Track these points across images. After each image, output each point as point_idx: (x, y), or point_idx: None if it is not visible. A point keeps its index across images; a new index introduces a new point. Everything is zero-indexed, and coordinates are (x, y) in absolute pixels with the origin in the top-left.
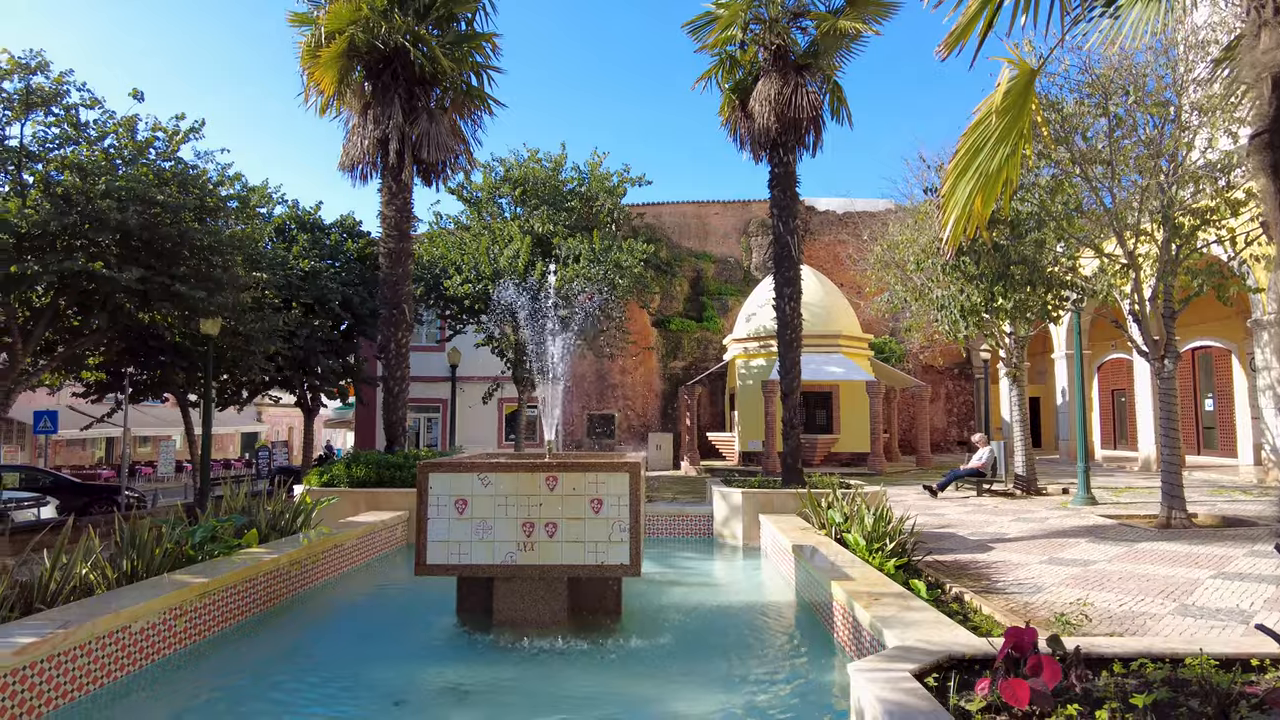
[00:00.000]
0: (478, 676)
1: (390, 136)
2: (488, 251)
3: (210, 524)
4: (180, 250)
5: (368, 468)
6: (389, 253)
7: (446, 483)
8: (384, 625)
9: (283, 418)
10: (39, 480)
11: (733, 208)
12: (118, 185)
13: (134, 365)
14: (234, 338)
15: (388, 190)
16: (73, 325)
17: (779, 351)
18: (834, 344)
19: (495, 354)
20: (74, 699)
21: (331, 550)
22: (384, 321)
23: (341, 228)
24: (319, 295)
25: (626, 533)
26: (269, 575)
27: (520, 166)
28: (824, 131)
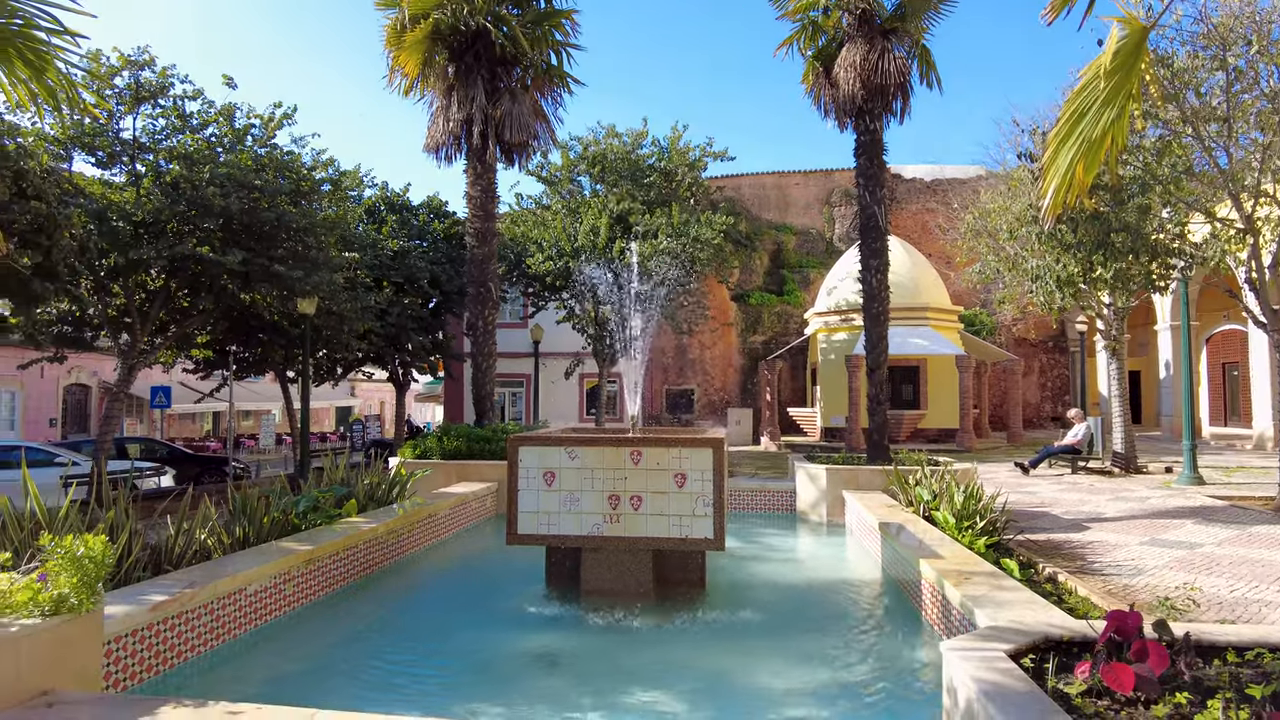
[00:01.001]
0: (566, 645)
1: (473, 118)
2: (566, 229)
3: (313, 494)
4: (278, 233)
5: (458, 440)
6: (475, 232)
7: (535, 456)
8: (476, 593)
9: (375, 392)
10: (156, 451)
11: (814, 177)
12: (220, 172)
13: (237, 343)
14: (328, 317)
15: (472, 171)
16: (183, 306)
17: (864, 325)
18: (921, 317)
19: (576, 330)
20: (199, 653)
21: (426, 520)
22: (471, 299)
23: (428, 208)
24: (408, 274)
25: (710, 507)
26: (368, 544)
27: (598, 144)
28: (912, 98)
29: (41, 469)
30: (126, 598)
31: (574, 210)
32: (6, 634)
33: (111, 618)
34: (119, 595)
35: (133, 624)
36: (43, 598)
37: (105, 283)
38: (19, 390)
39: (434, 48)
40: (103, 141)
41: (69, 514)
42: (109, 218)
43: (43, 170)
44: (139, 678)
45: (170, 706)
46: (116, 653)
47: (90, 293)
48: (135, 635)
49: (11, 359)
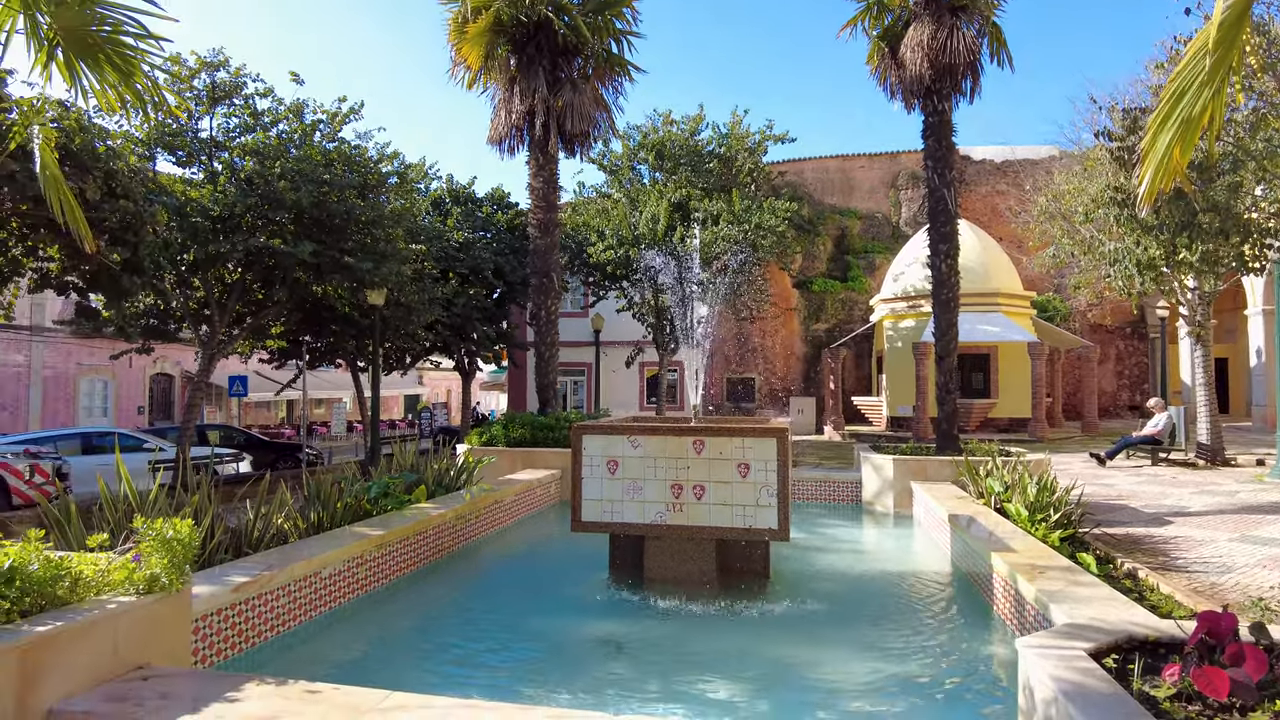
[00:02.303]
0: (630, 632)
1: (535, 109)
2: (627, 218)
3: (383, 480)
4: (347, 225)
5: (523, 428)
6: (538, 223)
7: (599, 444)
8: (542, 579)
9: (441, 381)
10: (234, 438)
11: (879, 160)
12: (290, 167)
13: (310, 334)
14: (397, 308)
15: (534, 163)
16: (258, 298)
17: (933, 312)
18: (992, 302)
19: (636, 319)
20: (278, 633)
21: (492, 506)
22: (534, 289)
23: (492, 200)
24: (474, 265)
25: (774, 497)
26: (437, 529)
27: (657, 131)
28: (981, 77)
29: (131, 454)
30: (211, 579)
31: (634, 199)
32: (106, 611)
33: (197, 597)
34: (204, 576)
35: (217, 604)
36: (137, 577)
37: (186, 277)
38: (111, 380)
39: (496, 40)
40: (182, 141)
41: (157, 498)
42: (189, 214)
43: (130, 170)
44: (224, 654)
45: (254, 683)
46: (203, 630)
47: (173, 286)
48: (220, 615)
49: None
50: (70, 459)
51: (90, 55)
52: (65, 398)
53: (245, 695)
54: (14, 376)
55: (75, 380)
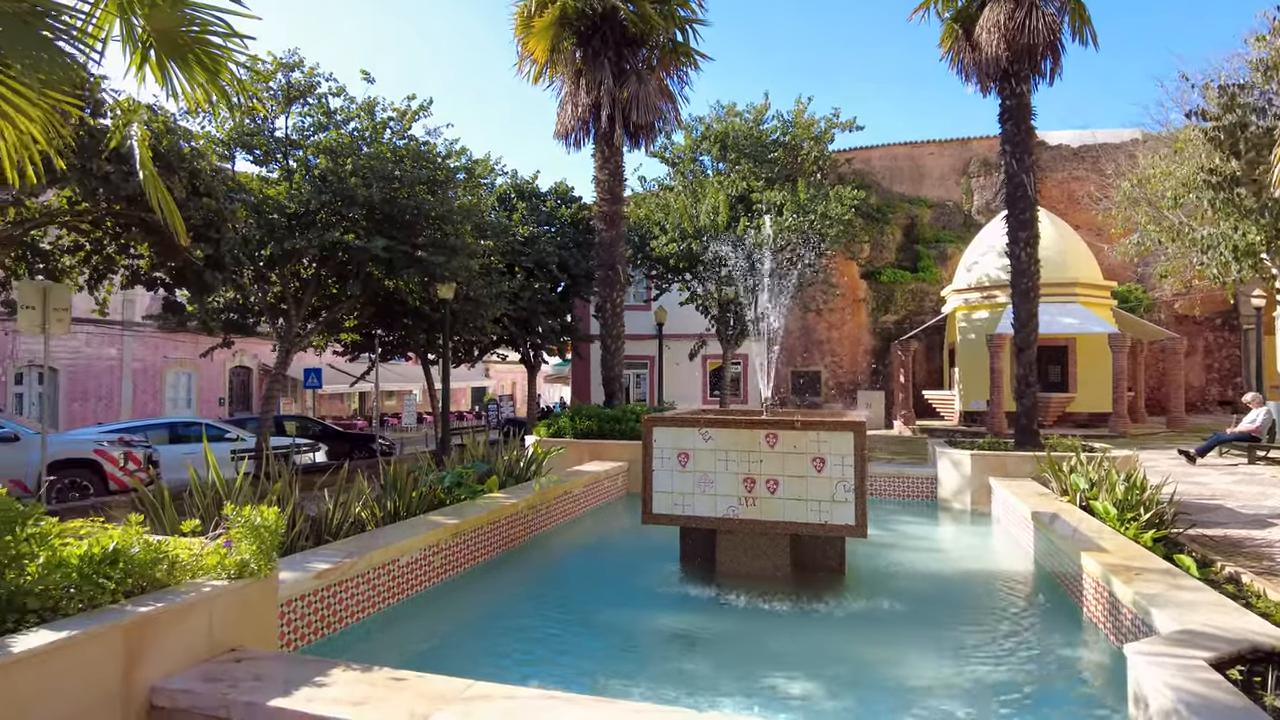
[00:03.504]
0: (703, 626)
1: (601, 102)
2: (689, 210)
3: (457, 471)
4: (417, 221)
5: (590, 420)
6: (603, 216)
7: (669, 436)
8: (613, 570)
9: (506, 374)
10: (310, 429)
11: (949, 147)
12: (362, 165)
13: (382, 328)
14: (466, 302)
15: (600, 155)
16: (332, 293)
17: (1013, 302)
18: (1070, 292)
19: (699, 311)
20: (357, 619)
21: (562, 497)
22: (600, 282)
23: (556, 194)
24: (538, 259)
25: (851, 493)
26: (509, 519)
27: (720, 122)
28: (1062, 57)
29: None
30: (294, 565)
31: (695, 191)
32: (202, 594)
33: (283, 583)
34: (287, 563)
35: (300, 590)
36: (228, 562)
37: (264, 272)
38: (194, 372)
39: (561, 32)
40: (259, 140)
41: (242, 486)
42: (266, 211)
43: (211, 169)
44: (306, 639)
45: (341, 668)
46: (288, 616)
47: (251, 282)
48: (303, 600)
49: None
50: (159, 447)
51: (180, 55)
52: (153, 389)
53: (333, 680)
54: (107, 369)
55: (162, 373)
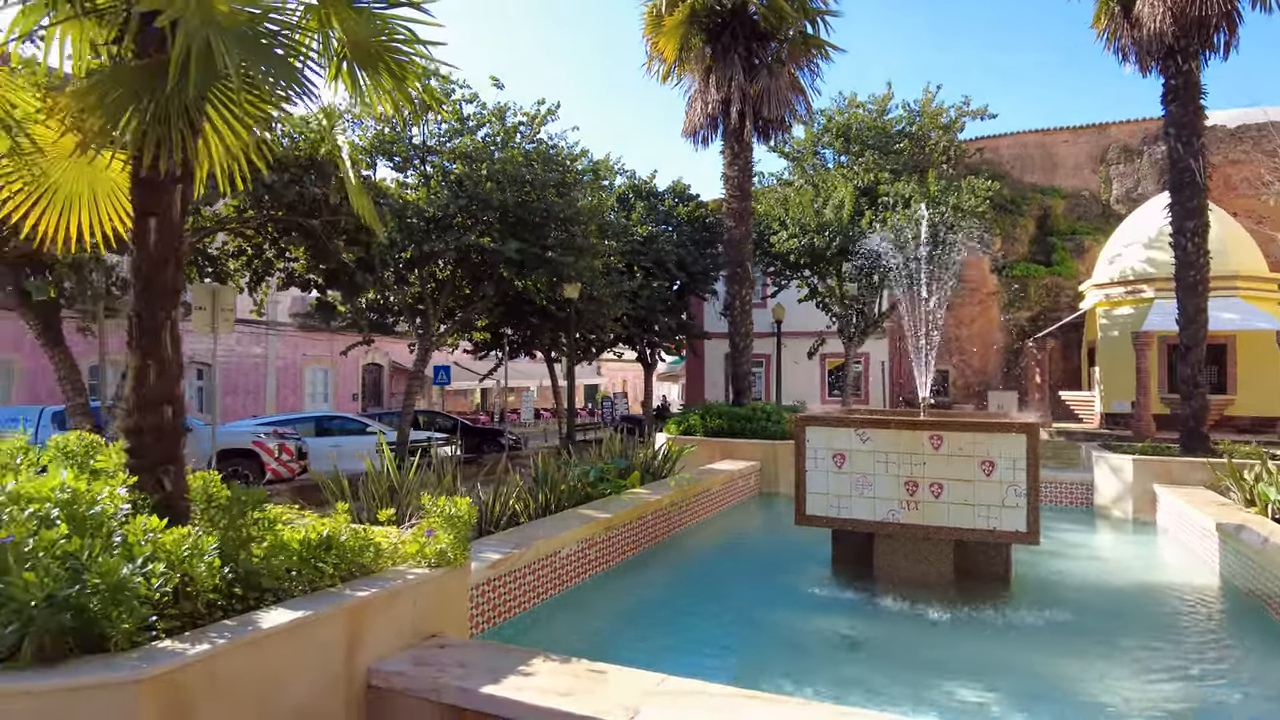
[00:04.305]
0: (864, 629)
1: (731, 98)
2: (811, 205)
3: (599, 466)
4: (547, 223)
5: (720, 419)
6: (732, 212)
7: (824, 436)
8: (760, 569)
9: (618, 371)
10: (442, 423)
11: (1085, 134)
12: (496, 169)
13: (510, 326)
14: (589, 301)
15: (729, 151)
16: (465, 293)
17: (1177, 296)
18: (1230, 286)
19: (820, 308)
20: (525, 609)
21: (700, 495)
22: (728, 279)
23: (674, 193)
24: (656, 258)
25: (1023, 498)
26: (654, 515)
27: (841, 114)
28: (1239, 27)
29: (355, 436)
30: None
31: (816, 185)
32: (407, 581)
33: None
34: None
35: (477, 579)
36: (428, 551)
37: (403, 274)
38: (331, 369)
39: (690, 30)
40: (399, 148)
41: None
42: (406, 215)
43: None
44: (481, 628)
45: (540, 659)
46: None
47: (392, 283)
48: (478, 590)
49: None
50: (307, 439)
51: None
52: (293, 385)
53: (534, 669)
54: (254, 366)
55: (301, 369)
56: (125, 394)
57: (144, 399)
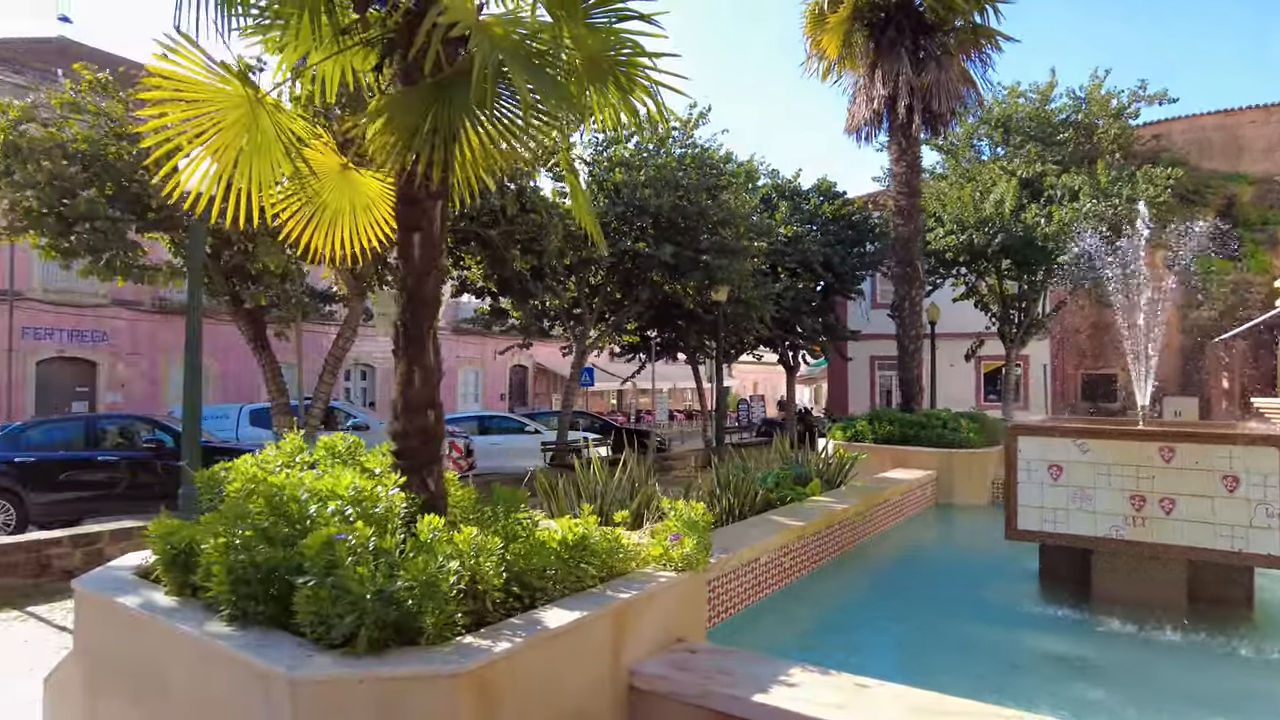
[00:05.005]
0: (1087, 653)
1: (898, 93)
2: (971, 200)
3: (775, 472)
4: (699, 226)
5: (891, 425)
6: (899, 210)
7: (1038, 447)
8: (959, 585)
9: (749, 374)
10: (592, 424)
11: (1276, 112)
12: (652, 175)
13: (656, 329)
14: (737, 304)
15: (896, 147)
16: (616, 297)
17: None
18: None
19: (978, 308)
20: (730, 615)
21: (880, 505)
22: (897, 279)
23: (819, 191)
24: (802, 258)
25: (1275, 518)
26: (841, 523)
27: (1000, 105)
28: None
29: (514, 435)
30: None
31: (972, 178)
32: (659, 584)
33: None
34: None
35: None
36: (674, 554)
37: (561, 280)
38: (480, 370)
39: (853, 27)
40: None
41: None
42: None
43: (531, 187)
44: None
45: (797, 669)
46: None
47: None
48: None
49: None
50: (472, 438)
51: (600, 78)
52: (447, 385)
53: (796, 679)
54: None
55: (456, 371)
56: (392, 399)
57: (409, 403)
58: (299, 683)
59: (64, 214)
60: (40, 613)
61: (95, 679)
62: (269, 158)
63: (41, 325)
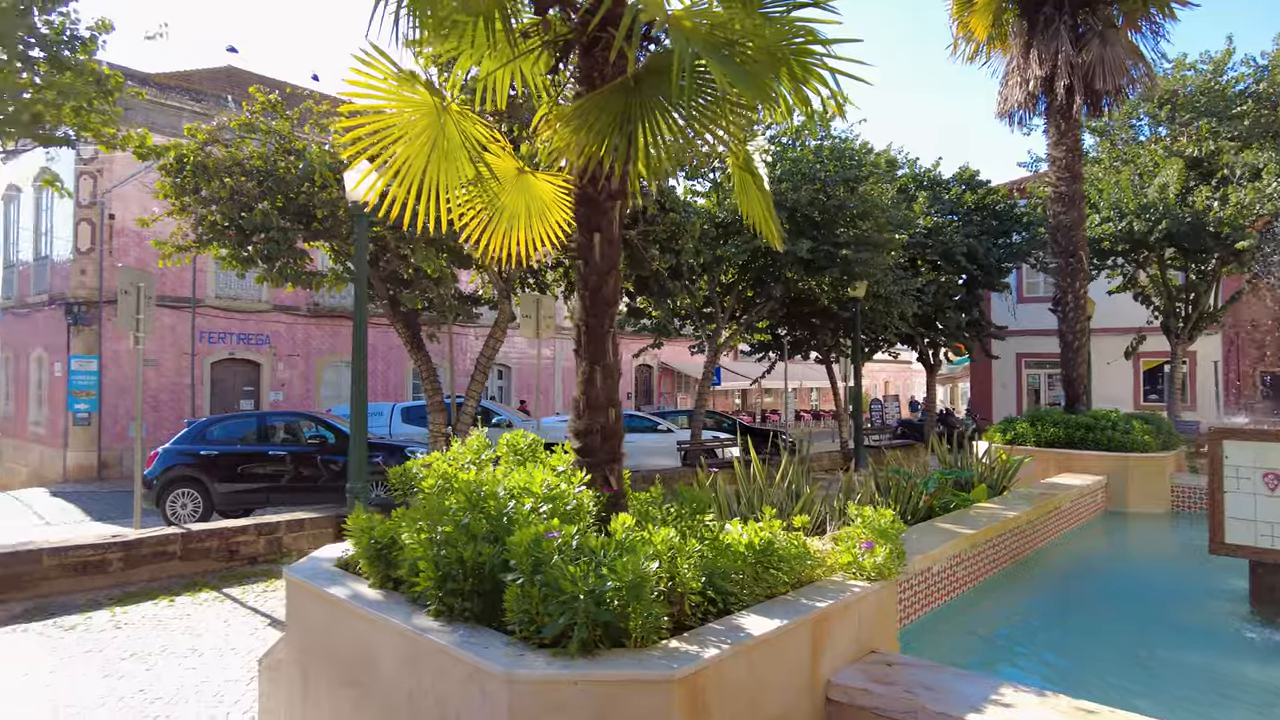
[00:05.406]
0: None
1: (1057, 71)
2: (1130, 184)
3: (936, 476)
4: (836, 220)
5: (1055, 427)
6: (1060, 197)
7: (1249, 454)
8: (1153, 600)
9: (878, 372)
10: (722, 423)
11: None
12: (788, 169)
13: (788, 327)
14: (876, 300)
15: (1055, 130)
16: (747, 296)
17: None
18: None
19: (1139, 301)
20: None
21: (1051, 512)
22: (1058, 271)
23: (960, 180)
24: (944, 251)
25: None
26: (1011, 531)
27: (1165, 80)
28: None
29: (649, 434)
30: None
31: (1129, 161)
32: (854, 593)
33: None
34: None
35: None
36: (865, 563)
37: (693, 279)
38: None
39: (1003, 5)
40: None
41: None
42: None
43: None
44: None
45: (1009, 688)
46: None
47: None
48: None
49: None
50: None
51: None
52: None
53: (1008, 699)
54: (544, 368)
55: None
56: (574, 397)
57: (591, 401)
58: (516, 681)
59: (243, 226)
60: (234, 594)
61: (307, 662)
62: (454, 164)
63: (214, 330)
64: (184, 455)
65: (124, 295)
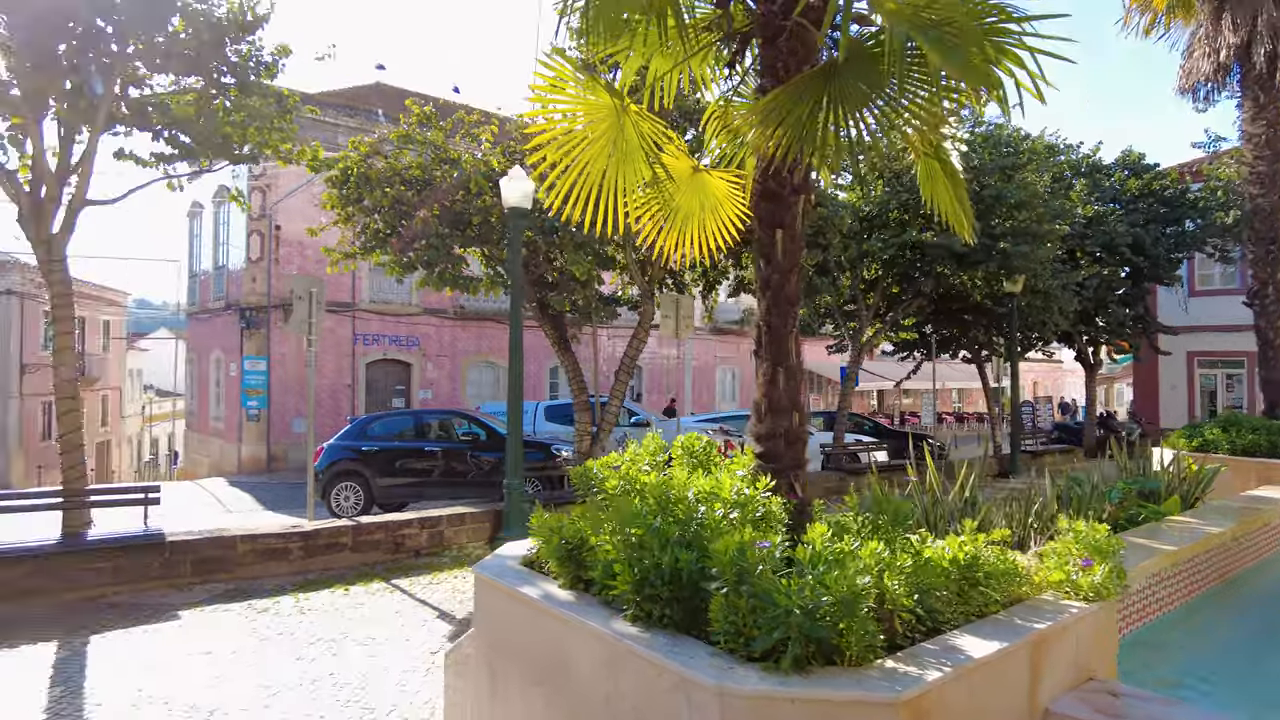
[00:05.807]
0: None
1: (1256, 36)
2: None
3: (1120, 486)
4: (992, 210)
5: (1255, 434)
6: (1258, 177)
7: None
8: None
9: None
10: (862, 425)
11: None
12: None
13: (935, 325)
14: (1034, 295)
15: (1252, 103)
16: (892, 292)
17: None
18: None
19: None
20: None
21: (1259, 529)
22: (1254, 261)
23: (1123, 165)
24: (1106, 241)
25: None
26: (1216, 548)
27: None
28: None
29: None
30: None
31: None
32: (1071, 614)
33: None
34: None
35: None
36: (1081, 582)
37: (835, 275)
38: (738, 369)
39: None
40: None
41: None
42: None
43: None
44: None
45: None
46: None
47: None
48: None
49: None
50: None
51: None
52: (707, 383)
53: None
54: (674, 367)
55: (713, 370)
56: (755, 400)
57: (774, 404)
58: (728, 694)
59: (403, 233)
60: (402, 585)
61: (495, 659)
62: (632, 165)
63: (369, 332)
64: (347, 450)
65: (298, 300)
